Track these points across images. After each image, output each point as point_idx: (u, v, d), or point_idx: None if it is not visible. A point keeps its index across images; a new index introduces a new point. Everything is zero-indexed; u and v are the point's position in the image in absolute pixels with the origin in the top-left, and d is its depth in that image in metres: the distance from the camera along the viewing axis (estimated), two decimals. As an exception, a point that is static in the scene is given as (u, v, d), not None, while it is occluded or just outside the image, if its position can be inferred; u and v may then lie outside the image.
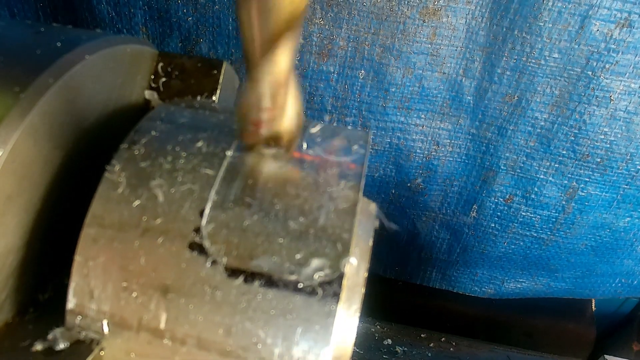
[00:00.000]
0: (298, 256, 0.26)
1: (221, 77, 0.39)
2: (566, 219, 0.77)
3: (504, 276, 0.91)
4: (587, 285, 0.92)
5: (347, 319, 0.29)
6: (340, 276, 0.26)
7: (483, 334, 0.95)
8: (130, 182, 0.28)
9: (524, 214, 0.78)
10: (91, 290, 0.27)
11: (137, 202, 0.27)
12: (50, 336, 0.27)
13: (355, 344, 0.33)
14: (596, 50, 0.63)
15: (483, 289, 0.94)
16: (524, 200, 0.77)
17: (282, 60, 0.24)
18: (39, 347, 0.27)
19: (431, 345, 0.73)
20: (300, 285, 0.26)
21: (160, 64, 0.39)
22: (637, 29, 0.60)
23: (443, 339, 0.75)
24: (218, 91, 0.39)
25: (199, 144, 0.30)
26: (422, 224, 0.84)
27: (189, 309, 0.26)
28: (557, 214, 0.77)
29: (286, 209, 0.27)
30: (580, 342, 0.97)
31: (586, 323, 0.97)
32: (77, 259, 0.27)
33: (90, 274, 0.27)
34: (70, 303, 0.27)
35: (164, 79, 0.39)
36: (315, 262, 0.26)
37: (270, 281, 0.26)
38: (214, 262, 0.26)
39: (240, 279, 0.26)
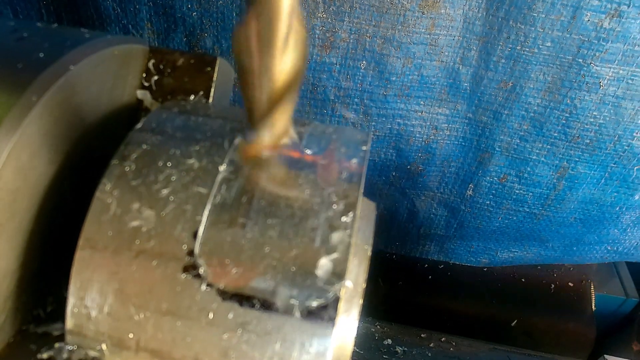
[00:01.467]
0: (294, 280, 0.26)
1: (215, 75, 0.38)
2: (557, 196, 0.82)
3: (497, 247, 0.97)
4: (576, 252, 0.98)
5: (347, 320, 0.29)
6: (336, 300, 0.25)
7: (483, 334, 0.95)
8: (121, 202, 0.27)
9: (517, 191, 0.83)
10: (88, 312, 0.27)
11: (129, 224, 0.27)
12: (52, 355, 0.27)
13: (355, 344, 0.33)
14: (587, 39, 0.66)
15: (478, 259, 0.99)
16: (518, 180, 0.81)
17: (282, 118, 0.26)
18: None
19: (431, 345, 0.71)
20: (296, 309, 0.25)
21: (152, 61, 0.38)
22: (626, 19, 0.63)
23: (443, 339, 0.74)
24: (212, 90, 0.38)
25: (191, 160, 0.29)
26: (421, 203, 0.89)
27: (186, 331, 0.26)
28: (548, 191, 0.82)
29: (282, 230, 0.26)
30: (580, 342, 0.95)
31: (586, 323, 0.96)
32: (73, 281, 0.27)
33: (87, 296, 0.27)
34: (69, 324, 0.27)
35: (156, 77, 0.38)
36: (311, 288, 0.26)
37: (265, 304, 0.26)
38: (208, 285, 0.26)
39: (236, 302, 0.26)
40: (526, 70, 0.70)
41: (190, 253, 0.26)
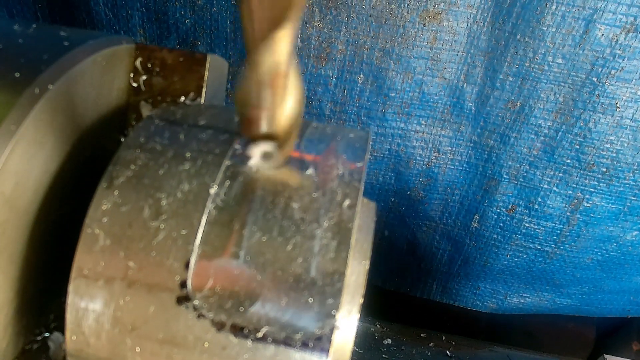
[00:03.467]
0: (287, 311, 0.26)
1: (206, 74, 0.36)
2: (571, 231, 0.75)
3: (506, 290, 0.89)
4: (594, 302, 0.89)
5: (347, 320, 0.29)
6: (331, 330, 0.26)
7: (483, 334, 0.95)
8: (111, 231, 0.27)
9: (527, 225, 0.76)
10: (87, 339, 0.27)
11: (120, 254, 0.27)
12: None
13: (355, 344, 0.33)
14: (601, 55, 0.61)
15: (485, 304, 0.91)
16: (527, 211, 0.74)
17: (282, 45, 0.24)
18: None
19: (431, 345, 0.72)
20: (289, 340, 0.26)
21: (139, 59, 0.36)
22: (644, 33, 0.59)
23: (443, 338, 0.74)
24: (204, 90, 0.36)
25: (182, 185, 0.28)
26: (422, 234, 0.82)
27: (183, 359, 0.27)
28: (561, 226, 0.74)
29: (274, 259, 0.26)
30: (580, 342, 0.96)
31: (586, 323, 0.97)
32: (69, 311, 0.27)
33: (84, 324, 0.27)
34: (69, 349, 0.28)
35: (144, 77, 0.36)
36: (305, 318, 0.26)
37: (258, 335, 0.26)
38: (202, 316, 0.26)
39: (230, 332, 0.26)
40: (535, 89, 0.65)
41: (183, 284, 0.26)
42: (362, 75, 0.69)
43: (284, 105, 0.26)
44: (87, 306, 0.27)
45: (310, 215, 0.27)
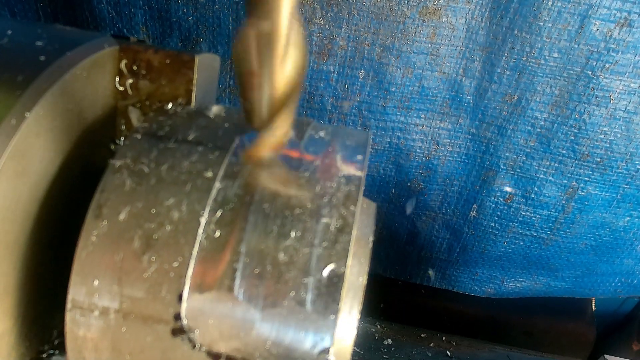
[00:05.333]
0: (280, 344, 0.26)
1: (195, 77, 0.34)
2: (566, 219, 0.77)
3: (503, 275, 0.91)
4: (587, 284, 0.92)
5: (347, 320, 0.29)
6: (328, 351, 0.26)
7: (483, 334, 0.95)
8: (102, 264, 0.27)
9: (523, 213, 0.78)
10: None
11: (114, 286, 0.26)
12: None
13: (355, 344, 0.33)
14: (596, 49, 0.63)
15: (483, 289, 0.94)
16: (524, 200, 0.77)
17: (283, 2, 0.24)
18: None
19: (431, 345, 0.73)
20: None
21: (124, 61, 0.34)
22: (637, 28, 0.60)
23: (443, 338, 0.76)
24: (194, 95, 0.34)
25: (172, 213, 0.27)
26: (421, 224, 0.85)
27: None
28: (556, 214, 0.77)
29: (267, 294, 0.26)
30: (580, 341, 0.97)
31: (586, 323, 0.98)
32: (68, 341, 0.27)
33: (84, 350, 0.27)
34: None
35: (130, 80, 0.34)
36: (299, 351, 0.26)
37: None
38: (195, 347, 0.26)
39: None
40: (532, 83, 0.67)
41: (177, 316, 0.26)
42: (362, 71, 0.70)
43: (284, 65, 0.25)
44: (85, 335, 0.27)
45: (309, 220, 0.27)
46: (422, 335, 0.75)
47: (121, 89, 0.34)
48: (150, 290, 0.26)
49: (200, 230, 0.27)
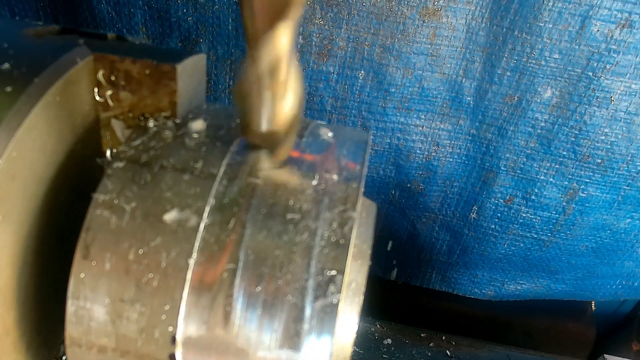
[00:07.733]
0: None
1: (178, 88, 0.32)
2: (566, 221, 0.77)
3: (504, 278, 0.91)
4: (588, 287, 0.92)
5: (347, 319, 0.29)
6: None
7: (483, 333, 0.95)
8: (96, 303, 0.27)
9: (524, 215, 0.78)
10: None
11: (108, 327, 0.27)
12: None
13: (355, 344, 0.33)
14: (596, 50, 0.63)
15: (483, 291, 0.94)
16: (524, 202, 0.76)
17: (282, 40, 0.24)
18: None
19: (431, 345, 0.73)
20: None
21: (101, 72, 0.32)
22: (638, 29, 0.60)
23: (443, 338, 0.76)
24: (178, 107, 0.33)
25: (160, 255, 0.26)
26: (421, 225, 0.84)
27: None
28: (557, 215, 0.77)
29: (259, 332, 0.26)
30: (580, 342, 0.97)
31: (586, 323, 0.98)
32: None
33: None
34: None
35: (110, 92, 0.32)
36: None
37: None
38: None
39: None
40: (532, 84, 0.67)
41: (172, 357, 0.26)
42: (362, 71, 0.70)
43: (284, 101, 0.26)
44: None
45: (308, 225, 0.27)
46: (422, 335, 0.75)
47: (101, 100, 0.32)
48: (144, 332, 0.26)
49: (189, 272, 0.26)
